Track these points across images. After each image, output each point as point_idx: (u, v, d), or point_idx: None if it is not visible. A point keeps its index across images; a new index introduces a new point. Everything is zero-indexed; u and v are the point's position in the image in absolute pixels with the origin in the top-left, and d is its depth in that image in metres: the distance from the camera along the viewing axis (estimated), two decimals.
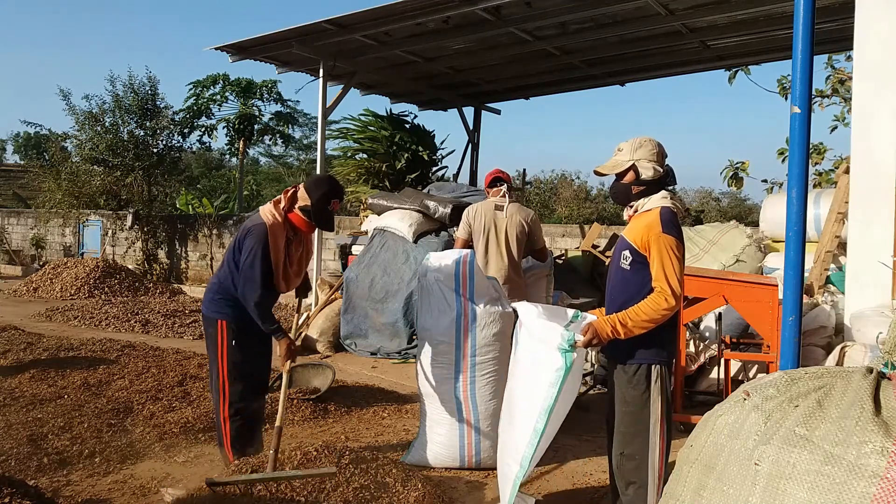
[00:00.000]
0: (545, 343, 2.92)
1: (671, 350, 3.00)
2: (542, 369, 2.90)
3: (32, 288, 12.23)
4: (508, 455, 3.13)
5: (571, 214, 23.55)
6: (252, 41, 9.01)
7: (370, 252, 8.11)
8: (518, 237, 5.11)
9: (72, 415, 4.90)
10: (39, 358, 6.56)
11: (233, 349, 3.66)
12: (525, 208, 5.32)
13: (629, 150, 2.96)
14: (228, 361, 3.67)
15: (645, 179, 2.93)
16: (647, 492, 2.89)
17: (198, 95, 23.83)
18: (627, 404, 2.94)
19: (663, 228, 2.81)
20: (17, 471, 3.86)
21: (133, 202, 15.73)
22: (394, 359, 7.39)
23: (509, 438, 3.16)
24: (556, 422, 3.00)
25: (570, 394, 3.06)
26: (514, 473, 2.97)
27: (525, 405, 2.98)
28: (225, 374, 3.68)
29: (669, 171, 2.97)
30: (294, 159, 36.86)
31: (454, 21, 8.05)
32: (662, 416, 2.88)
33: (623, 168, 2.96)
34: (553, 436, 3.09)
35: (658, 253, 2.81)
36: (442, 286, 4.14)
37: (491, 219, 5.15)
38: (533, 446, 2.87)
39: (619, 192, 3.04)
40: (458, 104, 12.47)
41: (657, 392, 2.88)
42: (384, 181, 11.42)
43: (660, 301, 2.79)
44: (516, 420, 3.07)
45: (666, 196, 2.93)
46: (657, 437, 2.88)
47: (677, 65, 9.98)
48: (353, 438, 4.70)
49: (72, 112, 15.11)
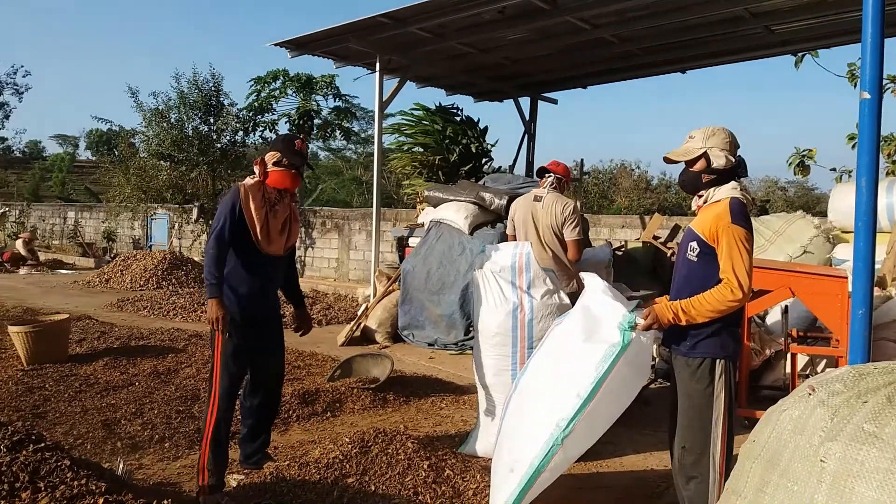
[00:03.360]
0: (604, 319, 2.90)
1: (736, 344, 2.92)
2: (594, 342, 2.88)
3: (104, 279, 12.74)
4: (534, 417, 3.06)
5: (631, 205, 23.18)
6: (310, 37, 9.15)
7: (426, 244, 8.17)
8: (553, 227, 4.92)
9: (143, 401, 5.11)
10: (112, 346, 6.86)
11: (227, 341, 3.50)
12: (564, 198, 5.04)
13: (702, 137, 2.90)
14: (222, 351, 3.51)
15: (716, 168, 2.87)
16: (709, 487, 2.84)
17: (259, 92, 24.31)
18: (690, 398, 2.89)
19: (733, 219, 2.75)
20: (93, 454, 4.05)
21: (198, 196, 16.22)
22: (451, 350, 7.43)
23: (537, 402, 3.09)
24: (608, 406, 2.95)
25: (631, 383, 3.02)
26: (550, 435, 2.90)
27: (568, 372, 2.95)
28: (218, 363, 3.52)
29: (741, 162, 2.90)
30: (352, 153, 37.29)
31: (510, 11, 8.01)
32: (725, 410, 2.83)
33: (694, 155, 2.90)
34: (606, 426, 3.05)
35: (727, 244, 2.75)
36: (498, 278, 4.14)
37: (529, 210, 5.04)
38: (574, 409, 2.84)
39: (689, 181, 2.98)
40: (513, 95, 12.39)
41: (721, 386, 2.82)
42: (438, 174, 11.47)
43: (726, 293, 2.73)
44: (554, 387, 3.02)
45: (736, 187, 2.86)
46: (719, 432, 2.83)
47: (740, 51, 9.68)
48: (411, 428, 4.75)
49: (139, 109, 15.65)
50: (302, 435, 4.60)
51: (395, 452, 3.55)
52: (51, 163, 47.95)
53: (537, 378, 3.19)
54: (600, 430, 3.06)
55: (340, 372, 5.80)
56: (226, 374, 3.52)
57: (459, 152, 11.41)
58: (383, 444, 3.62)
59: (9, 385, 5.38)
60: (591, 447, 3.18)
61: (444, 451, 3.69)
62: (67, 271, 15.43)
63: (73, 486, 2.47)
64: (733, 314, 2.84)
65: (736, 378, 2.88)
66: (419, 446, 3.62)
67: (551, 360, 3.18)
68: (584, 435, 3.01)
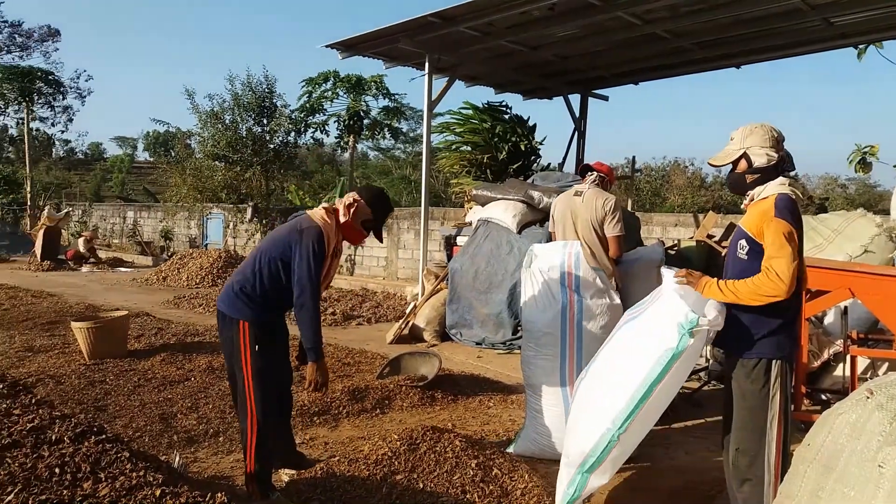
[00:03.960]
0: (666, 318, 2.88)
1: (793, 345, 2.86)
2: (653, 344, 2.88)
3: (161, 277, 13.13)
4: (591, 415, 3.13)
5: (685, 203, 22.74)
6: (360, 38, 9.25)
7: (474, 243, 8.17)
8: (593, 222, 4.72)
9: (198, 396, 5.25)
10: (168, 342, 7.06)
11: (256, 354, 3.36)
12: (604, 193, 4.81)
13: (740, 138, 2.89)
14: (253, 367, 3.36)
15: (758, 167, 2.84)
16: (763, 489, 2.79)
17: (310, 93, 24.70)
18: (745, 399, 2.85)
19: (777, 213, 2.71)
20: (151, 447, 4.18)
21: (252, 196, 16.54)
22: (499, 349, 7.42)
23: (598, 397, 3.13)
24: (660, 400, 2.96)
25: (681, 377, 3.00)
26: (607, 430, 2.95)
27: (626, 371, 2.98)
28: (250, 380, 3.36)
29: (785, 157, 2.85)
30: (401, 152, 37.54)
31: (560, 8, 7.94)
32: (781, 412, 2.79)
33: (734, 157, 2.89)
34: (657, 417, 3.07)
35: (770, 238, 2.71)
36: (547, 277, 4.12)
37: (569, 206, 4.93)
38: (629, 409, 2.90)
39: (735, 182, 2.96)
40: (563, 92, 12.28)
41: (776, 388, 2.78)
42: (486, 172, 11.45)
43: (764, 280, 2.69)
44: (613, 384, 3.05)
45: (784, 182, 2.81)
46: (774, 434, 2.78)
47: (797, 44, 9.39)
48: (459, 426, 4.76)
49: (195, 111, 16.04)
50: (352, 431, 4.65)
51: (443, 450, 3.57)
52: (111, 164, 49.56)
53: (600, 373, 3.22)
54: (652, 422, 3.09)
55: (389, 369, 5.85)
56: (264, 385, 3.40)
57: (508, 150, 11.37)
58: (432, 442, 3.64)
59: (72, 379, 5.59)
60: (643, 450, 3.18)
61: (492, 451, 3.69)
62: (127, 269, 15.95)
63: (131, 477, 2.55)
64: (789, 313, 2.79)
65: (792, 380, 2.81)
66: (467, 445, 3.63)
67: (614, 355, 3.20)
68: (638, 430, 3.05)
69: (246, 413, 3.39)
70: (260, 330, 3.40)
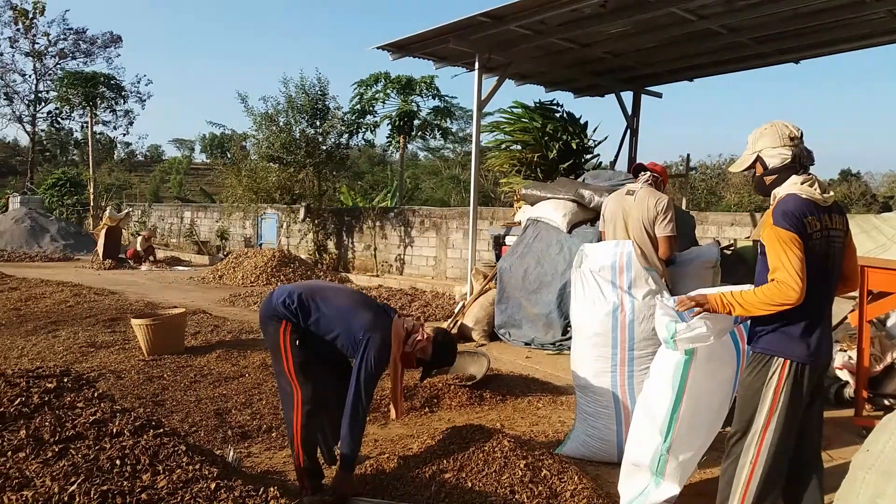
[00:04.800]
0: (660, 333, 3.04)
1: (804, 347, 2.75)
2: (666, 354, 3.06)
3: (218, 276, 13.44)
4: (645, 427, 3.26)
5: (742, 202, 22.22)
6: (410, 39, 9.31)
7: (523, 242, 8.12)
8: (644, 221, 4.69)
9: (252, 392, 5.36)
10: (224, 339, 7.22)
11: (297, 348, 3.45)
12: (657, 192, 4.77)
13: (752, 142, 2.92)
14: (294, 361, 3.45)
15: (774, 168, 2.84)
16: (735, 478, 2.84)
17: (362, 95, 24.95)
18: (741, 387, 2.92)
19: (774, 220, 2.72)
20: (206, 441, 4.28)
21: (305, 197, 16.80)
22: (548, 350, 7.37)
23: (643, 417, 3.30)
24: (708, 403, 3.12)
25: (721, 375, 3.13)
26: (657, 443, 3.11)
27: (656, 382, 3.16)
28: (293, 374, 3.46)
29: (802, 153, 2.82)
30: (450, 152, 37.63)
31: (612, 4, 7.85)
32: (772, 411, 2.75)
33: (748, 163, 2.93)
34: (719, 418, 3.18)
35: (769, 246, 2.74)
36: (597, 277, 4.06)
37: (620, 205, 4.84)
38: (666, 423, 3.08)
39: (758, 186, 2.98)
40: (615, 89, 12.13)
41: (772, 384, 2.76)
42: (536, 171, 11.38)
43: (773, 289, 2.67)
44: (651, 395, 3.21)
45: (795, 182, 2.78)
46: (759, 427, 2.78)
47: (860, 38, 9.05)
48: (508, 427, 4.74)
49: (250, 113, 16.35)
50: (401, 429, 4.68)
51: (491, 450, 3.56)
52: (169, 165, 50.99)
53: (647, 381, 3.34)
54: (709, 428, 3.22)
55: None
56: (307, 379, 3.48)
57: (559, 149, 11.28)
58: (480, 442, 3.63)
59: (131, 374, 5.77)
60: (710, 455, 3.38)
61: (541, 451, 3.66)
62: (184, 268, 16.40)
63: (188, 470, 2.62)
64: (795, 313, 2.71)
65: (804, 381, 2.75)
66: (516, 445, 3.61)
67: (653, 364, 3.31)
68: (692, 439, 3.15)
69: (291, 406, 3.48)
70: (301, 331, 3.47)
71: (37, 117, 42.38)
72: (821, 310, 2.80)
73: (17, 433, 2.73)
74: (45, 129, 44.85)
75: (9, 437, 2.69)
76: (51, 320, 8.09)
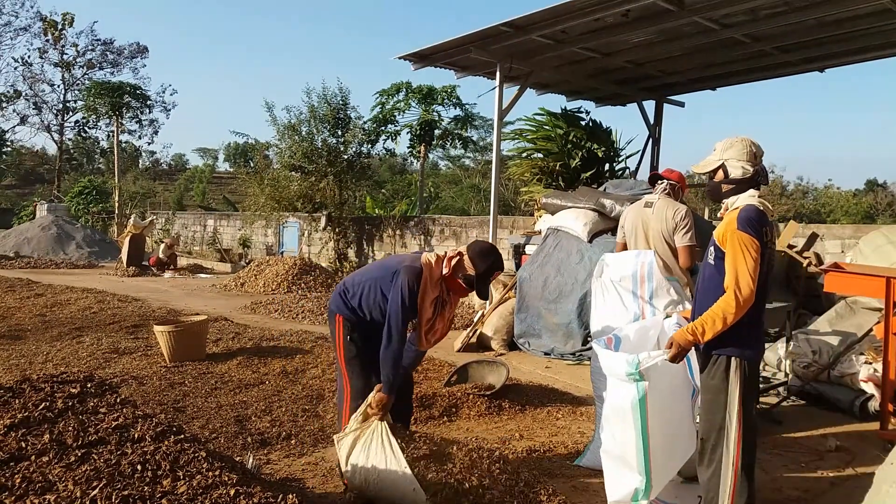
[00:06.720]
0: (617, 371, 3.09)
1: (753, 345, 3.00)
2: (620, 403, 3.12)
3: (239, 283, 13.54)
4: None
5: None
6: (432, 49, 9.34)
7: (543, 251, 8.10)
8: (664, 233, 4.64)
9: (272, 399, 5.38)
10: (245, 346, 7.27)
11: (349, 344, 3.65)
12: (675, 203, 4.73)
13: (720, 149, 3.11)
14: (346, 357, 3.67)
15: (733, 178, 3.06)
16: (720, 481, 2.94)
17: (383, 104, 25.11)
18: (705, 392, 3.07)
19: (739, 225, 2.90)
20: (226, 448, 4.31)
21: (326, 205, 16.90)
22: (568, 360, 7.32)
23: None
24: (674, 421, 3.27)
25: (681, 395, 3.32)
26: (639, 482, 3.16)
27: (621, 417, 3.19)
28: (344, 367, 3.68)
29: (761, 171, 3.06)
30: (471, 161, 37.68)
31: (634, 14, 7.82)
32: (740, 409, 2.91)
33: (712, 167, 3.12)
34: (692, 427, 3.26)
35: (731, 249, 2.90)
36: (618, 287, 4.04)
37: (640, 217, 4.81)
38: (641, 459, 3.12)
39: (712, 190, 3.18)
40: (637, 98, 12.07)
41: (735, 385, 2.92)
42: (558, 180, 11.33)
43: (730, 300, 2.85)
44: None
45: (754, 195, 3.01)
46: (733, 429, 2.91)
47: (885, 46, 8.93)
48: (527, 437, 4.72)
49: (273, 123, 16.51)
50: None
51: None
52: (192, 174, 51.61)
53: (605, 425, 3.44)
54: (684, 450, 3.39)
55: (457, 377, 5.85)
56: (358, 375, 3.66)
57: (582, 157, 11.23)
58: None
59: (153, 380, 5.83)
60: None
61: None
62: (206, 275, 16.55)
63: (208, 476, 2.63)
64: (748, 317, 2.90)
65: (758, 377, 3.02)
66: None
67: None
68: (669, 462, 3.30)
69: (342, 396, 3.72)
70: (353, 326, 3.66)
71: (64, 126, 43.22)
72: (762, 311, 3.04)
73: (41, 437, 2.76)
74: (73, 137, 45.72)
75: (33, 441, 2.73)
76: (75, 326, 8.21)
